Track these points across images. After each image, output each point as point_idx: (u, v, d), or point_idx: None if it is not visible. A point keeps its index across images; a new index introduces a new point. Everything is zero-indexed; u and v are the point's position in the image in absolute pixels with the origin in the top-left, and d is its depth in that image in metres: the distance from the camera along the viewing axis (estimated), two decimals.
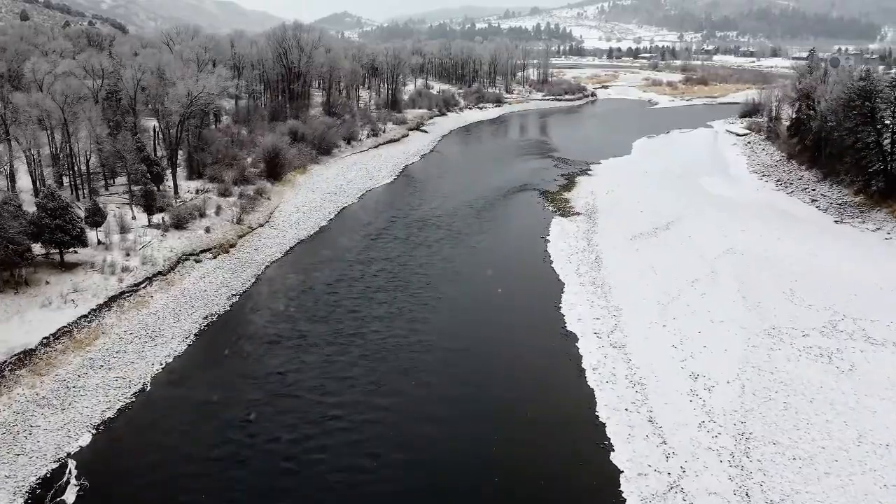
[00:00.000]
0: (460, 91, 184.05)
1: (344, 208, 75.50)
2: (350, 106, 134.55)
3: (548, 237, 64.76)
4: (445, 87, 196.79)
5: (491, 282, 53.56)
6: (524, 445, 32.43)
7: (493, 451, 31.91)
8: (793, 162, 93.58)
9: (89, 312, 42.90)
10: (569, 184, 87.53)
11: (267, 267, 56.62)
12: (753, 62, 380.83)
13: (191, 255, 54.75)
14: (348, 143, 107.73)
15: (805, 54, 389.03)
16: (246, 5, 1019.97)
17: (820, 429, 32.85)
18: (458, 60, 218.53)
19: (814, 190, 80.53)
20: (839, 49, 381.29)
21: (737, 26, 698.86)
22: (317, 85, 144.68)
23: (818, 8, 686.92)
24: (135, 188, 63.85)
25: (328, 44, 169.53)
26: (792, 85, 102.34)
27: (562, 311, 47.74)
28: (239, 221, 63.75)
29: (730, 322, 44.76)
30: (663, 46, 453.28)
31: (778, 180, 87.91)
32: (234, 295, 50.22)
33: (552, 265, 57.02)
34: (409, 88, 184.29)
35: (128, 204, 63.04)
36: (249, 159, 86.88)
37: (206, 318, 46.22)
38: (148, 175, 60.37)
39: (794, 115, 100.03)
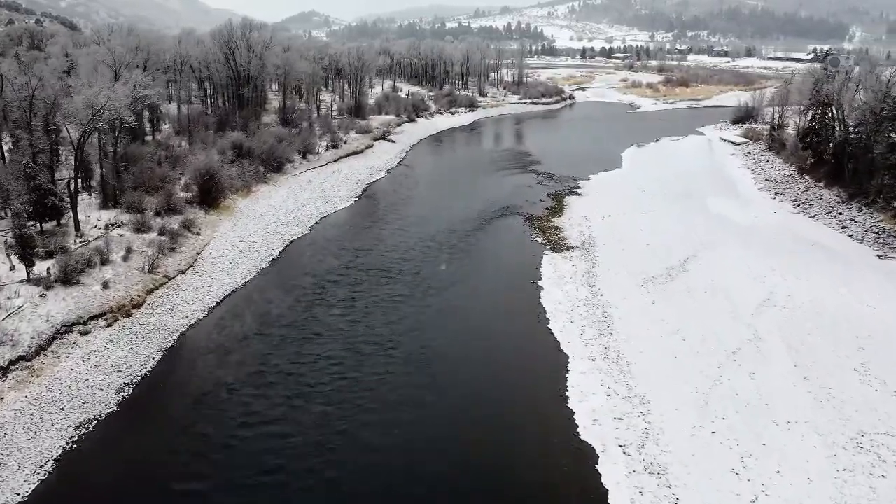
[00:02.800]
0: (431, 94, 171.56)
1: (291, 243, 62.37)
2: (308, 113, 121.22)
3: (540, 282, 52.56)
4: (415, 89, 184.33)
5: (470, 364, 40.50)
6: None
7: None
8: (806, 177, 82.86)
9: None
10: (557, 206, 75.54)
11: (182, 334, 43.43)
12: (729, 62, 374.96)
13: (76, 324, 41.33)
14: (304, 156, 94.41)
15: (781, 54, 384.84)
16: (211, 3, 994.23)
17: None
18: (428, 61, 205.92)
19: (840, 213, 69.61)
20: (815, 49, 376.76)
21: (707, 26, 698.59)
22: (276, 89, 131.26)
23: (787, 7, 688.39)
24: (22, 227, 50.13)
25: (287, 43, 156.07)
26: (808, 90, 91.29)
27: (570, 403, 35.53)
28: (152, 269, 50.30)
29: (800, 423, 32.97)
30: (637, 46, 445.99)
31: (794, 200, 76.92)
32: (127, 384, 37.03)
33: (549, 326, 44.82)
34: (377, 91, 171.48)
35: (7, 249, 49.35)
36: (183, 180, 73.45)
37: (79, 426, 33.06)
38: (24, 214, 46.80)
39: (806, 124, 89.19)
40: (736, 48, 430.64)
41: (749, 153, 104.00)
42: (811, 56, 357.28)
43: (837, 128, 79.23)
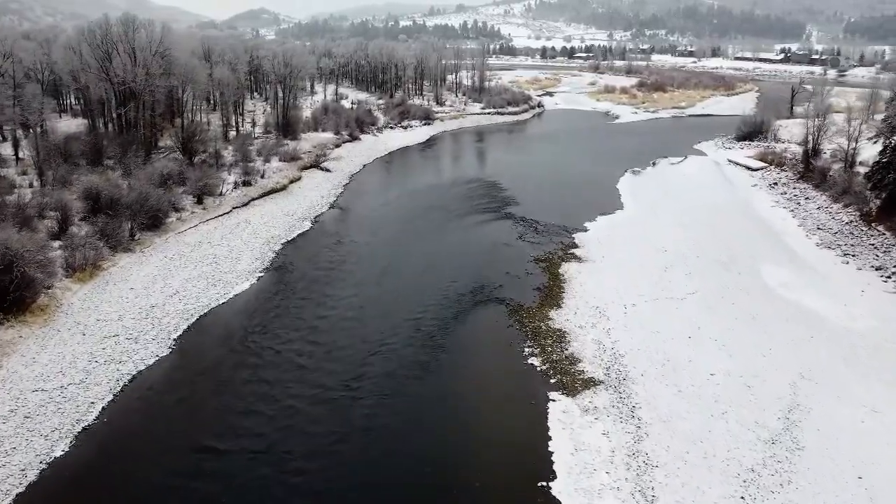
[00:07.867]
0: (380, 103, 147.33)
1: (132, 381, 37.56)
2: (225, 133, 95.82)
3: (551, 484, 29.14)
4: (363, 96, 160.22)
5: None
6: None
7: None
8: (878, 228, 61.69)
9: None
10: (552, 283, 52.26)
11: None
12: (695, 62, 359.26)
13: None
14: (199, 202, 69.33)
15: (749, 54, 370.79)
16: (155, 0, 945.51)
17: None
18: (377, 63, 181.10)
19: None
20: (784, 49, 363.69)
21: (665, 24, 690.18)
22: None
23: (743, 6, 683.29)
24: None
25: (207, 44, 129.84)
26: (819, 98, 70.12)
27: None
28: None
29: None
30: (599, 46, 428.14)
31: (878, 268, 55.09)
32: None
33: None
34: (318, 98, 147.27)
35: None
36: None
37: None
38: None
39: (857, 150, 68.17)
40: (700, 48, 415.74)
41: (775, 184, 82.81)
42: (780, 56, 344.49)
43: None
